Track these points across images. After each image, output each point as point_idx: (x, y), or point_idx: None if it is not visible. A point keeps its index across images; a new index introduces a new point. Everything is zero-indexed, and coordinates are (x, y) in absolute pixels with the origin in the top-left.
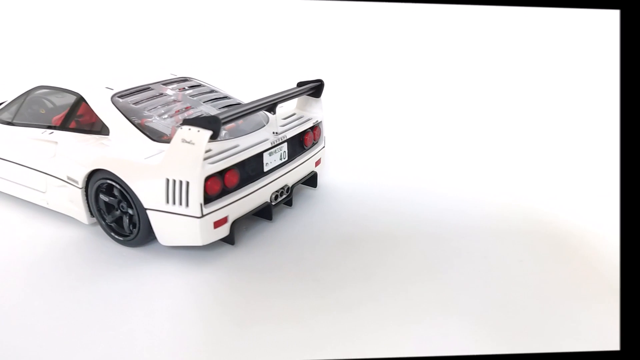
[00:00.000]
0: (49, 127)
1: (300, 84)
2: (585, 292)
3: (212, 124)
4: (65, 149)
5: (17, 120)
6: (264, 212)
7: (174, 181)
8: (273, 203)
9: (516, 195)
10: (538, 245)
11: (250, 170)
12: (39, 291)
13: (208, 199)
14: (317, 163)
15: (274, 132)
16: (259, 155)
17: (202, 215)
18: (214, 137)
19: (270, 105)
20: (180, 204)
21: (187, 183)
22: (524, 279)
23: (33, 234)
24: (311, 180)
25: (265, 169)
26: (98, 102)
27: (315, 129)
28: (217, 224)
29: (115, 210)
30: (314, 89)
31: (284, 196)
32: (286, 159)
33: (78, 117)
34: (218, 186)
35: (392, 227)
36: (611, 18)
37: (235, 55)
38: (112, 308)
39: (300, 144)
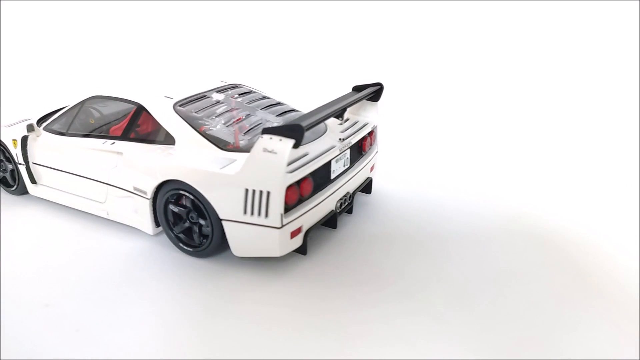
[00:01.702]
0: (108, 138)
1: (356, 88)
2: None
3: (294, 133)
4: (131, 159)
5: (72, 130)
6: (329, 221)
7: (254, 191)
8: (337, 211)
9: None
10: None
11: (320, 178)
12: (119, 305)
13: (286, 209)
14: (372, 169)
15: (340, 139)
16: (328, 163)
17: (282, 226)
18: (296, 146)
19: (341, 111)
20: (259, 214)
21: (268, 193)
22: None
23: (95, 245)
24: (366, 186)
25: (332, 176)
26: (161, 112)
27: (372, 133)
28: (293, 234)
29: (184, 221)
30: (374, 92)
31: (346, 204)
32: (348, 165)
33: (138, 127)
34: (296, 196)
35: (452, 230)
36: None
37: (268, 59)
38: (200, 320)
39: (359, 149)
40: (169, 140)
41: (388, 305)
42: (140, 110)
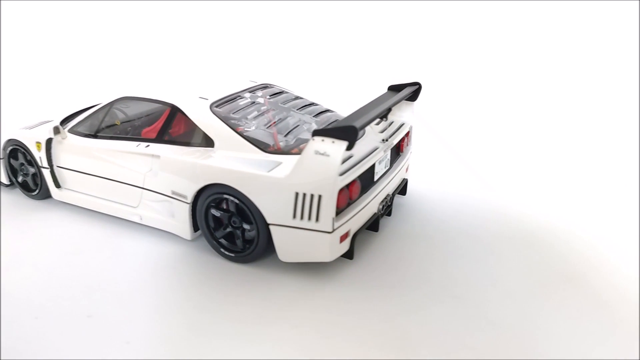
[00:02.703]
0: (141, 140)
1: (393, 88)
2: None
3: (347, 134)
4: (169, 163)
5: (101, 132)
6: (372, 224)
7: (304, 195)
8: (380, 213)
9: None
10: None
11: (364, 180)
12: (167, 315)
13: (335, 212)
14: (407, 170)
15: (382, 140)
16: (372, 165)
17: (333, 230)
18: (349, 148)
19: (386, 112)
20: (309, 218)
21: (320, 197)
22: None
23: (130, 251)
24: (402, 187)
25: (375, 178)
26: (198, 113)
27: (407, 134)
28: (342, 238)
29: (226, 225)
30: (413, 92)
31: (387, 206)
32: (389, 167)
33: (173, 129)
34: (346, 199)
35: (494, 231)
36: None
37: (282, 59)
38: (257, 329)
39: (397, 150)
40: (207, 142)
41: (445, 311)
42: (175, 111)
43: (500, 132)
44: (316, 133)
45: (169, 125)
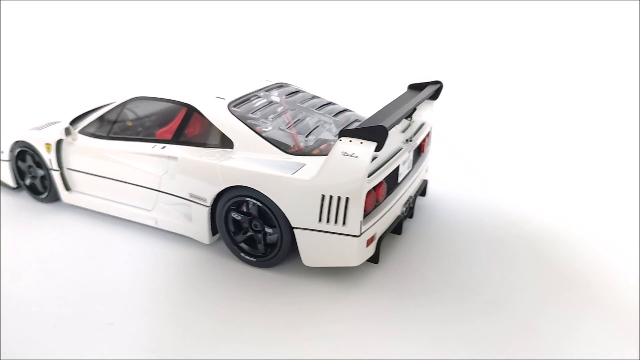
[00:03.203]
0: (156, 141)
1: (413, 86)
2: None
3: (376, 135)
4: (188, 165)
5: (114, 134)
6: (395, 227)
7: (331, 197)
8: (403, 216)
9: None
10: None
11: (389, 181)
12: (192, 322)
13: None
14: (426, 170)
15: (407, 140)
16: (397, 166)
17: (361, 234)
18: (378, 149)
19: (411, 112)
20: (336, 222)
21: (347, 199)
22: None
23: (146, 256)
24: (423, 189)
25: (399, 179)
26: (216, 113)
27: (429, 134)
28: (369, 242)
29: (246, 229)
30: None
31: (409, 208)
32: (411, 168)
33: (189, 130)
34: (373, 201)
35: (516, 234)
36: None
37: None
38: (289, 337)
39: (418, 150)
40: (225, 143)
41: (479, 316)
42: (191, 111)
43: (506, 131)
44: (343, 133)
45: (185, 126)
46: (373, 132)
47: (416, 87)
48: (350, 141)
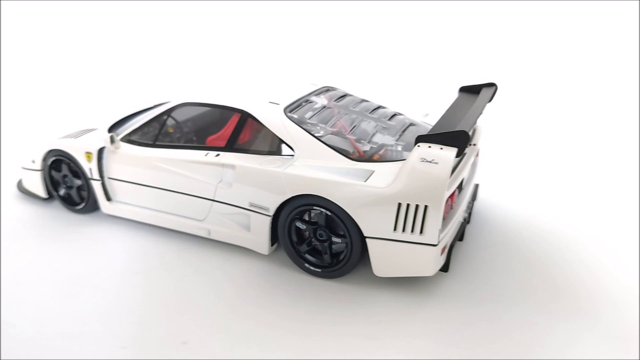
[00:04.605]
0: (208, 149)
1: (465, 89)
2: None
3: (457, 140)
4: (247, 173)
5: (161, 141)
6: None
7: (408, 206)
8: (465, 221)
9: None
10: None
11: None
12: (267, 342)
13: None
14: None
15: (472, 144)
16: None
17: (438, 243)
18: (458, 155)
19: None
20: (413, 231)
21: (426, 207)
22: None
23: (203, 269)
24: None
25: (463, 184)
26: (273, 119)
27: None
28: (443, 250)
29: (309, 239)
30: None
31: (469, 213)
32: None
33: (244, 136)
34: (448, 209)
35: (576, 239)
36: None
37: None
38: (364, 342)
39: None
40: (282, 149)
41: (563, 325)
42: (245, 117)
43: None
44: (421, 139)
45: (239, 133)
46: (454, 137)
47: (469, 90)
48: (430, 147)
